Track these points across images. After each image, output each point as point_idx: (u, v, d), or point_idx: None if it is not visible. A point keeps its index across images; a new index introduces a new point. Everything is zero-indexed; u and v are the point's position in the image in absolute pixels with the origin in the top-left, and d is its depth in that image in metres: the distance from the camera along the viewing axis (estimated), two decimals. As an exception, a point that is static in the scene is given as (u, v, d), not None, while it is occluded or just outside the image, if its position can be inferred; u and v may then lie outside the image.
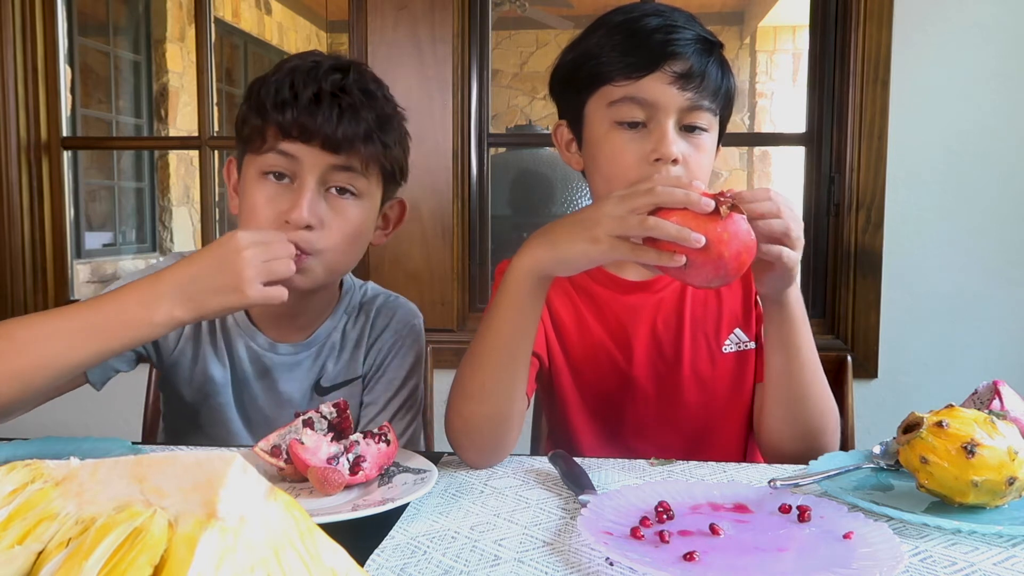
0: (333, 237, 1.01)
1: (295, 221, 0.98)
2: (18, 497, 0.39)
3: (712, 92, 1.00)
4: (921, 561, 0.67)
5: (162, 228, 5.25)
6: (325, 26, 6.78)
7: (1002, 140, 1.86)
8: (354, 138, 1.00)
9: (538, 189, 3.23)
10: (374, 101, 1.03)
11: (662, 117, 0.98)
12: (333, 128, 0.98)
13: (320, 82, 1.00)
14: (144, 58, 5.04)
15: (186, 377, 1.13)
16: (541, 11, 4.98)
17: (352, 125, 0.99)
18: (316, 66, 1.01)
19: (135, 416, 1.30)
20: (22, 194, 2.11)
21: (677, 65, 0.98)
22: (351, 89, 1.01)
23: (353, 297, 1.18)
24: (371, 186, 1.05)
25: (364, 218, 1.05)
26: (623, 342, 1.11)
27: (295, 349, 1.13)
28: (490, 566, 0.66)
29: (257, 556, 0.36)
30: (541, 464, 0.94)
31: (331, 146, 0.99)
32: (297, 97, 0.98)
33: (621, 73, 0.99)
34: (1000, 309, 1.89)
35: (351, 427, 0.89)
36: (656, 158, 0.98)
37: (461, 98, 1.99)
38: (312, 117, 0.98)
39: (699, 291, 1.12)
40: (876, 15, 1.85)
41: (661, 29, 0.99)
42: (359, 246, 1.07)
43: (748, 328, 1.12)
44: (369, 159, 1.02)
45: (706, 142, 1.02)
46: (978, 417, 0.75)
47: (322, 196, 1.01)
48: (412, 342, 1.18)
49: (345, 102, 1.00)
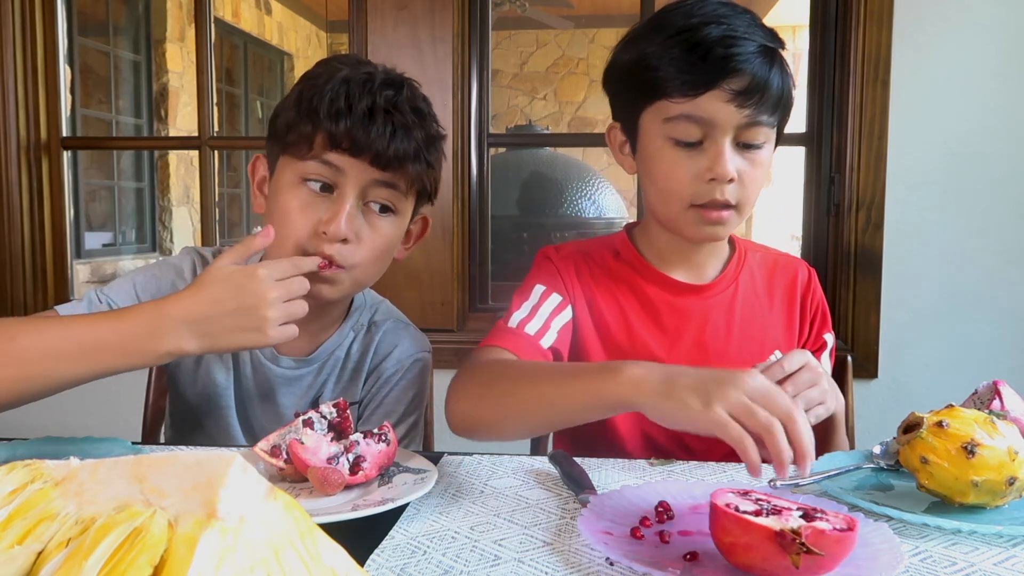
0: (365, 252, 1.01)
1: (332, 234, 0.97)
2: (18, 497, 0.39)
3: (772, 105, 0.98)
4: (921, 561, 0.67)
5: (162, 228, 5.25)
6: (325, 26, 6.79)
7: (1002, 140, 1.86)
8: (404, 156, 0.99)
9: (538, 189, 3.23)
10: (424, 120, 1.03)
11: (719, 135, 0.97)
12: (385, 144, 0.97)
13: (375, 96, 0.98)
14: (144, 58, 5.05)
15: (190, 379, 1.12)
16: (541, 11, 4.98)
17: (404, 143, 0.99)
18: (370, 78, 1.00)
19: (135, 416, 1.30)
20: (22, 194, 2.11)
21: (736, 82, 0.95)
22: (403, 106, 1.00)
23: (363, 315, 1.16)
24: (407, 204, 1.05)
25: (396, 234, 1.05)
26: (666, 343, 1.09)
27: (297, 364, 1.11)
28: (490, 566, 0.66)
29: (257, 556, 0.36)
30: (541, 464, 0.94)
31: (381, 162, 0.98)
32: (352, 109, 0.97)
33: (678, 91, 0.97)
34: (1000, 309, 1.89)
35: (351, 427, 0.89)
36: (711, 177, 0.97)
37: (461, 98, 1.99)
38: (365, 131, 0.97)
39: (749, 303, 1.12)
40: (876, 15, 1.85)
41: (722, 41, 0.96)
42: (386, 261, 1.07)
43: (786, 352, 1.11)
44: (414, 178, 1.02)
45: (763, 156, 1.01)
46: (978, 417, 0.75)
47: (360, 210, 1.00)
48: (414, 376, 1.15)
49: (398, 119, 0.99)
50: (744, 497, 0.65)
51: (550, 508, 0.80)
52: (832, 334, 1.19)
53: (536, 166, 3.26)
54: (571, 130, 6.95)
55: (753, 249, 1.18)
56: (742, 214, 1.02)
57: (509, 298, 1.11)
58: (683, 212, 1.02)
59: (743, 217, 1.03)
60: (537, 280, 1.10)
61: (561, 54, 6.91)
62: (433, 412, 1.33)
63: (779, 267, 1.17)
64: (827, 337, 1.18)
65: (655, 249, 1.12)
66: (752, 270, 1.15)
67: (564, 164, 3.38)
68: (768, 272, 1.16)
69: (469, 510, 0.79)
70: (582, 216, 3.26)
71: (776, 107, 0.99)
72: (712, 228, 1.02)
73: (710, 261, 1.12)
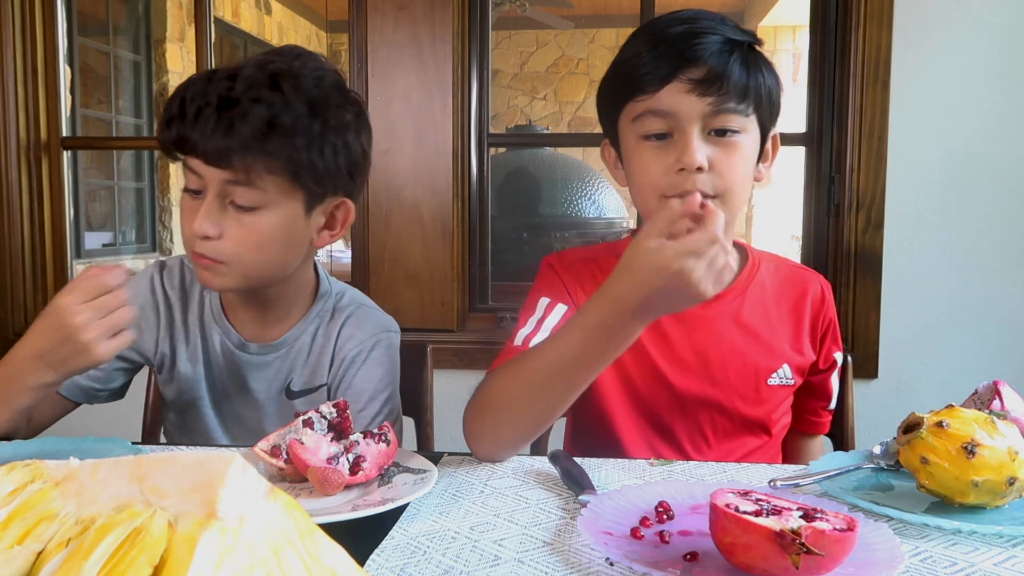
0: (232, 246, 1.01)
1: (194, 231, 1.00)
2: (18, 497, 0.39)
3: (739, 93, 0.97)
4: (921, 561, 0.67)
5: (162, 228, 5.25)
6: (325, 26, 6.79)
7: (1002, 140, 1.86)
8: (229, 150, 0.96)
9: (538, 189, 3.23)
10: (268, 109, 0.97)
11: (685, 126, 0.97)
12: (207, 140, 0.96)
13: (207, 94, 0.97)
14: (144, 58, 5.04)
15: (166, 377, 1.17)
16: (541, 11, 4.98)
17: (225, 138, 0.96)
18: (212, 76, 0.99)
19: (135, 416, 1.30)
20: (22, 194, 2.11)
21: (695, 72, 0.96)
22: (239, 97, 0.97)
23: (327, 302, 1.17)
24: (273, 194, 1.01)
25: (272, 225, 1.02)
26: (668, 353, 1.08)
27: (264, 350, 1.14)
28: (490, 566, 0.66)
29: (257, 556, 0.36)
30: (541, 464, 0.94)
31: (212, 160, 0.98)
32: (184, 113, 0.97)
33: (640, 87, 0.98)
34: (1000, 309, 1.89)
35: (351, 427, 0.89)
36: (680, 168, 0.97)
37: (461, 98, 1.99)
38: (191, 130, 0.97)
39: (755, 315, 1.10)
40: (876, 15, 1.85)
41: (683, 36, 0.97)
42: (274, 252, 1.04)
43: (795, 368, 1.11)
44: (251, 170, 0.98)
45: (741, 143, 0.99)
46: (978, 417, 0.75)
47: (223, 208, 1.01)
48: (380, 355, 1.15)
49: (225, 115, 0.96)
50: (744, 497, 0.65)
51: (550, 508, 0.80)
52: (842, 352, 1.18)
53: (536, 166, 3.26)
54: (571, 130, 6.96)
55: (768, 260, 1.16)
56: (727, 204, 0.98)
57: (509, 298, 1.11)
58: (658, 205, 0.99)
59: (730, 208, 0.99)
60: (541, 292, 1.10)
61: (561, 54, 6.91)
62: (433, 412, 1.33)
63: (791, 279, 1.15)
64: (837, 356, 1.17)
65: None
66: (763, 282, 1.13)
67: (564, 164, 3.38)
68: (780, 284, 1.14)
69: (469, 510, 0.79)
70: (582, 216, 3.26)
71: (744, 97, 0.98)
72: None
73: None
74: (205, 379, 1.15)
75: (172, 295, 1.16)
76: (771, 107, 1.03)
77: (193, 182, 1.02)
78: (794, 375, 1.11)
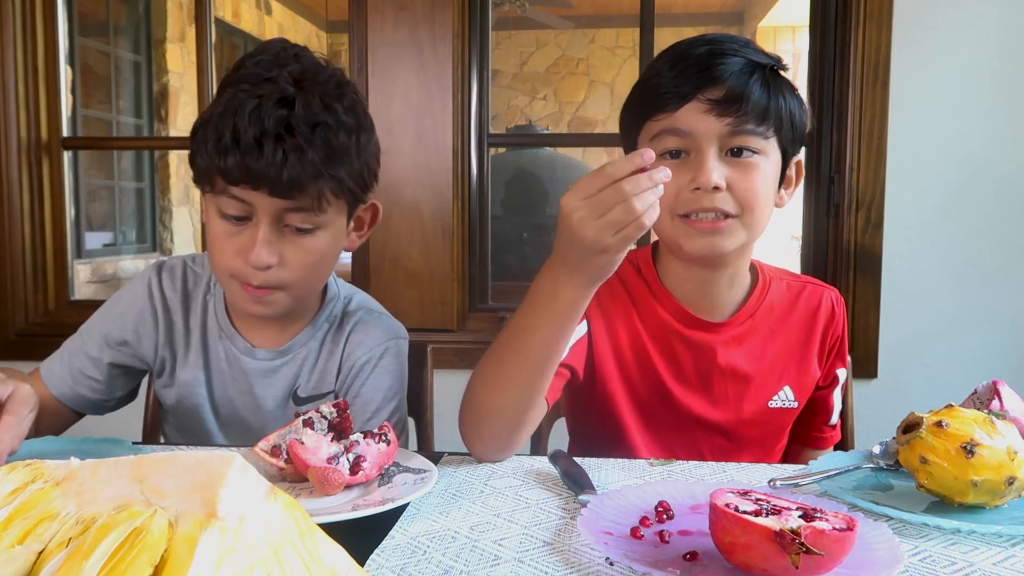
0: (295, 271, 1.00)
1: (253, 264, 0.97)
2: (18, 497, 0.39)
3: (758, 115, 0.97)
4: (921, 561, 0.67)
5: (162, 228, 5.24)
6: (325, 26, 6.78)
7: (1002, 140, 1.86)
8: (301, 180, 0.95)
9: (538, 189, 3.23)
10: (325, 132, 0.96)
11: (702, 145, 0.97)
12: (278, 172, 0.93)
13: (263, 122, 0.93)
14: (144, 58, 5.04)
15: (165, 382, 1.15)
16: (541, 11, 4.98)
17: (297, 167, 0.94)
18: (259, 103, 0.94)
19: (135, 416, 1.30)
20: (22, 194, 2.11)
21: (714, 92, 0.96)
22: (297, 125, 0.94)
23: (336, 307, 1.16)
24: (331, 214, 1.01)
25: (327, 243, 1.02)
26: (673, 371, 1.08)
27: (271, 356, 1.12)
28: (490, 566, 0.66)
29: (257, 556, 0.36)
30: (541, 464, 0.94)
31: (279, 191, 0.95)
32: (239, 142, 0.93)
33: (658, 107, 0.99)
34: (1000, 309, 1.89)
35: (351, 427, 0.89)
36: (696, 187, 0.97)
37: (461, 98, 1.99)
38: (256, 162, 0.93)
39: (763, 339, 1.10)
40: (876, 15, 1.85)
41: (704, 57, 0.98)
42: (326, 268, 1.05)
43: (797, 389, 1.12)
44: (321, 195, 0.98)
45: (759, 164, 0.99)
46: (978, 417, 0.75)
47: (280, 233, 0.99)
48: (389, 363, 1.14)
49: (290, 143, 0.93)
50: (744, 497, 0.65)
51: (550, 508, 0.80)
52: (846, 369, 1.18)
53: (536, 166, 3.26)
54: (571, 130, 6.95)
55: (779, 279, 1.15)
56: (746, 225, 0.99)
57: (509, 298, 1.11)
58: (672, 224, 1.01)
59: (749, 229, 1.00)
60: None
61: (561, 54, 6.91)
62: (433, 412, 1.33)
63: (803, 297, 1.14)
64: (839, 372, 1.16)
65: (672, 275, 1.10)
66: (772, 303, 1.12)
67: (564, 164, 3.39)
68: (789, 303, 1.13)
69: (469, 510, 0.79)
70: (582, 216, 3.25)
71: (763, 119, 0.98)
72: (707, 239, 1.00)
73: (729, 294, 1.09)
74: (206, 385, 1.13)
75: (172, 299, 1.13)
76: (793, 131, 1.02)
77: (235, 208, 0.97)
78: (796, 397, 1.11)
